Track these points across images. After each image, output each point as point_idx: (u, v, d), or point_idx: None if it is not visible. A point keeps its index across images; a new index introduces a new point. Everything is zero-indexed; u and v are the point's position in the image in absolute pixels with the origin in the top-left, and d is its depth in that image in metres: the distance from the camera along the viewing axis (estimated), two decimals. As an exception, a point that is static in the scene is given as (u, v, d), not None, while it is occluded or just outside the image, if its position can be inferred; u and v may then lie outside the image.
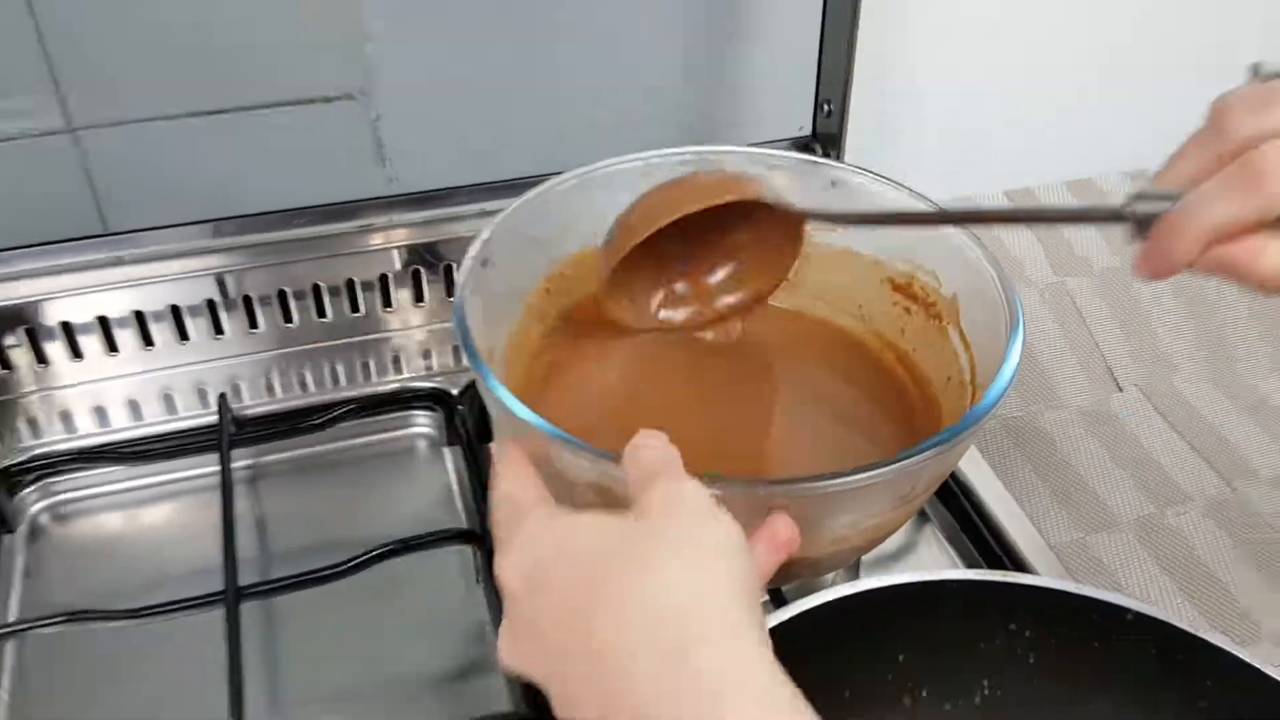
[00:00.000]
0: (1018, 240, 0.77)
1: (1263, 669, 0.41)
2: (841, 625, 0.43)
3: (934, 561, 0.61)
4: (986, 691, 0.46)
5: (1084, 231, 0.78)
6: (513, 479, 0.40)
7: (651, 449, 0.37)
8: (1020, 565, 0.57)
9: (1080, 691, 0.45)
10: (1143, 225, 0.37)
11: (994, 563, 0.59)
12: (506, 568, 0.36)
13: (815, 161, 0.58)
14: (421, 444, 0.68)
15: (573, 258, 0.58)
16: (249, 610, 0.54)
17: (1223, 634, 0.55)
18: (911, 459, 0.41)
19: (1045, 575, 0.56)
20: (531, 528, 0.36)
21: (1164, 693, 0.43)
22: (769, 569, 0.39)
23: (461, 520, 0.63)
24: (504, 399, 0.42)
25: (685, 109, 0.77)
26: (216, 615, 0.54)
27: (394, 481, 0.65)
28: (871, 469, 0.41)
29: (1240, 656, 0.41)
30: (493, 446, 0.43)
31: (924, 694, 0.46)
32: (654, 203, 0.52)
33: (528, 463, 0.41)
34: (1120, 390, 0.70)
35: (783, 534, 0.39)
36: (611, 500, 0.40)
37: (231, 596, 0.53)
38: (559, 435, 0.41)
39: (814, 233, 0.59)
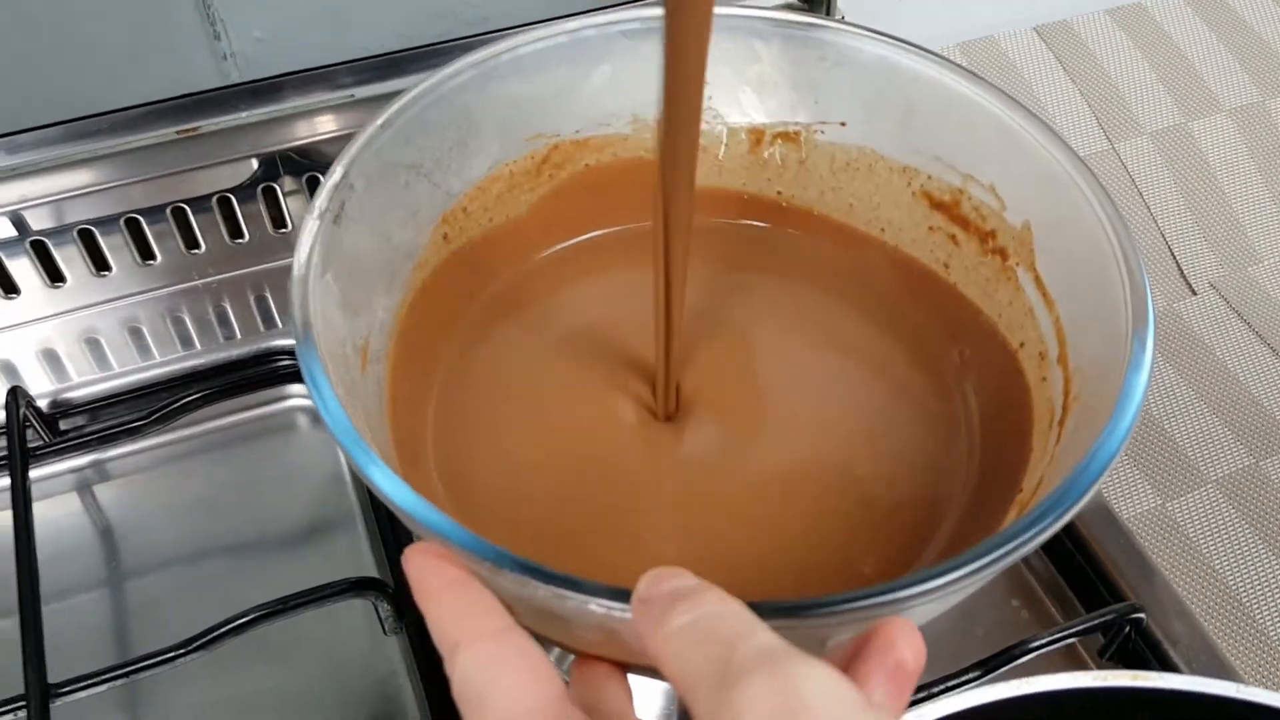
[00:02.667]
0: (1054, 90, 0.60)
1: None
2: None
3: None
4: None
5: (1136, 73, 0.61)
6: (482, 649, 0.24)
7: (701, 615, 0.22)
8: (1098, 568, 0.44)
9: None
10: None
11: (1067, 569, 0.45)
12: None
13: (819, 25, 0.40)
14: (300, 419, 0.52)
15: (478, 185, 0.41)
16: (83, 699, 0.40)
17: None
18: (1005, 548, 0.26)
19: (1131, 580, 0.43)
20: None
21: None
22: (899, 713, 0.24)
23: (357, 519, 0.49)
24: (409, 508, 0.26)
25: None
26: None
27: (268, 472, 0.51)
28: (955, 569, 0.26)
29: None
30: (404, 558, 0.26)
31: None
32: None
33: (491, 601, 0.25)
34: (1194, 294, 0.55)
35: (911, 661, 0.24)
36: (617, 641, 0.26)
37: (36, 703, 0.38)
38: (529, 570, 0.25)
39: (818, 129, 0.42)
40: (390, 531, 0.45)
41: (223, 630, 0.40)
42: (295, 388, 0.52)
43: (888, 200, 0.42)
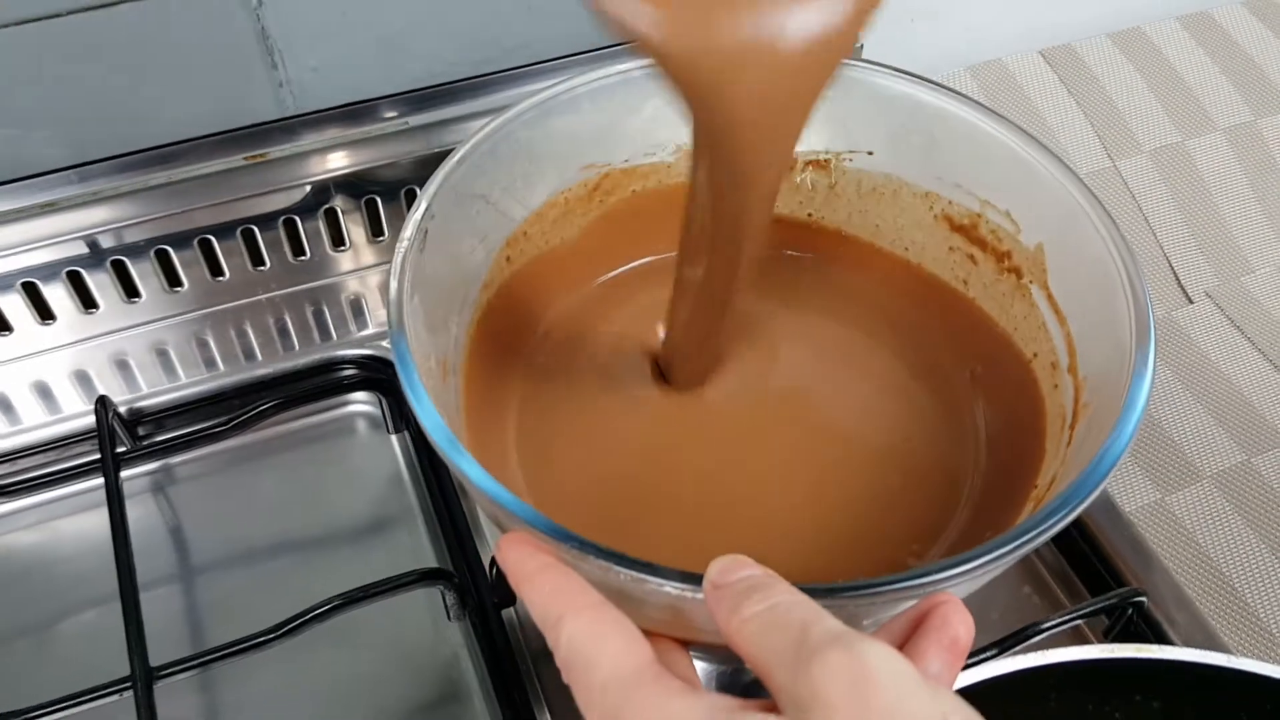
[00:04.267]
0: (1059, 112, 0.64)
1: None
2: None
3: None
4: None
5: (1136, 94, 0.65)
6: (584, 620, 0.27)
7: (777, 603, 0.25)
8: (1101, 554, 0.48)
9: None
10: None
11: (1072, 555, 0.49)
12: None
13: (848, 62, 0.44)
14: (360, 424, 0.56)
15: (537, 212, 0.45)
16: (169, 682, 0.44)
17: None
18: (1031, 534, 0.30)
19: (1132, 564, 0.47)
20: None
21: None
22: (952, 683, 0.28)
23: (417, 518, 0.52)
24: (498, 498, 0.30)
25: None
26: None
27: (331, 474, 0.54)
28: (979, 555, 0.30)
29: None
30: (502, 553, 0.30)
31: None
32: None
33: (580, 580, 0.29)
34: (1191, 302, 0.59)
35: (964, 636, 0.27)
36: (683, 619, 0.30)
37: (141, 684, 0.42)
38: (611, 557, 0.29)
39: (847, 157, 0.46)
40: (451, 526, 0.49)
41: (308, 617, 0.43)
42: (357, 394, 0.56)
43: (911, 222, 0.46)
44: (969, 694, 0.33)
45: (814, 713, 0.22)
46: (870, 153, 0.46)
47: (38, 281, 0.53)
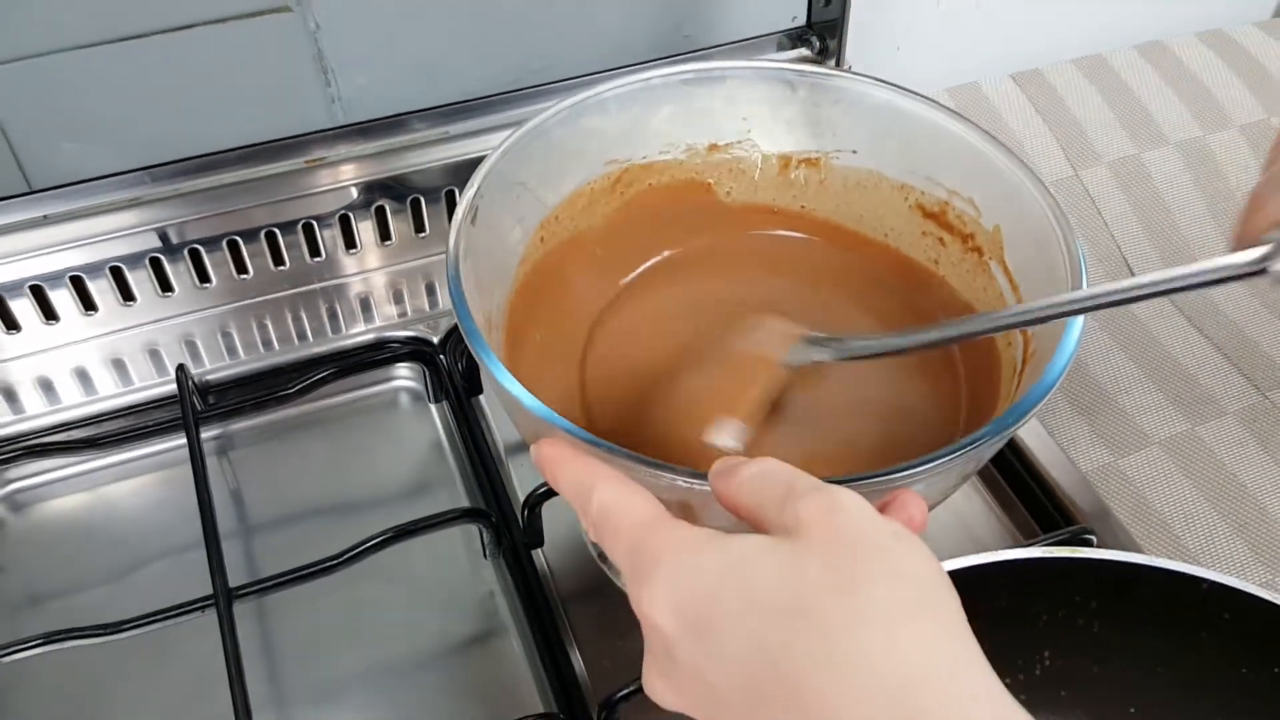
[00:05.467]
0: (1030, 132, 0.72)
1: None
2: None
3: (965, 500, 0.57)
4: (1047, 663, 0.44)
5: (1099, 116, 0.73)
6: (607, 487, 0.33)
7: (768, 467, 0.32)
8: (1057, 503, 0.54)
9: (1146, 661, 0.42)
10: None
11: (1028, 500, 0.56)
12: (652, 605, 0.30)
13: (834, 75, 0.52)
14: (404, 398, 0.63)
15: (568, 199, 0.52)
16: (240, 607, 0.50)
17: (1261, 560, 0.53)
18: (974, 447, 0.37)
19: (1085, 510, 0.54)
20: (676, 557, 0.30)
21: (1236, 661, 0.41)
22: None
23: (455, 480, 0.59)
24: (544, 415, 0.37)
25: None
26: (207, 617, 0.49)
27: (377, 441, 0.61)
28: (933, 459, 0.37)
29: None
30: (536, 451, 0.37)
31: (985, 671, 0.43)
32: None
33: (600, 462, 0.35)
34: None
35: (918, 516, 0.33)
36: (691, 517, 0.36)
37: (223, 601, 0.49)
38: (632, 458, 0.35)
39: (835, 155, 0.53)
40: (486, 476, 0.56)
41: (365, 546, 0.50)
42: (402, 370, 0.62)
43: (889, 211, 0.53)
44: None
45: (796, 533, 0.29)
46: (854, 151, 0.53)
47: (124, 266, 0.60)
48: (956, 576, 0.40)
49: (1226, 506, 0.56)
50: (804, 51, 0.69)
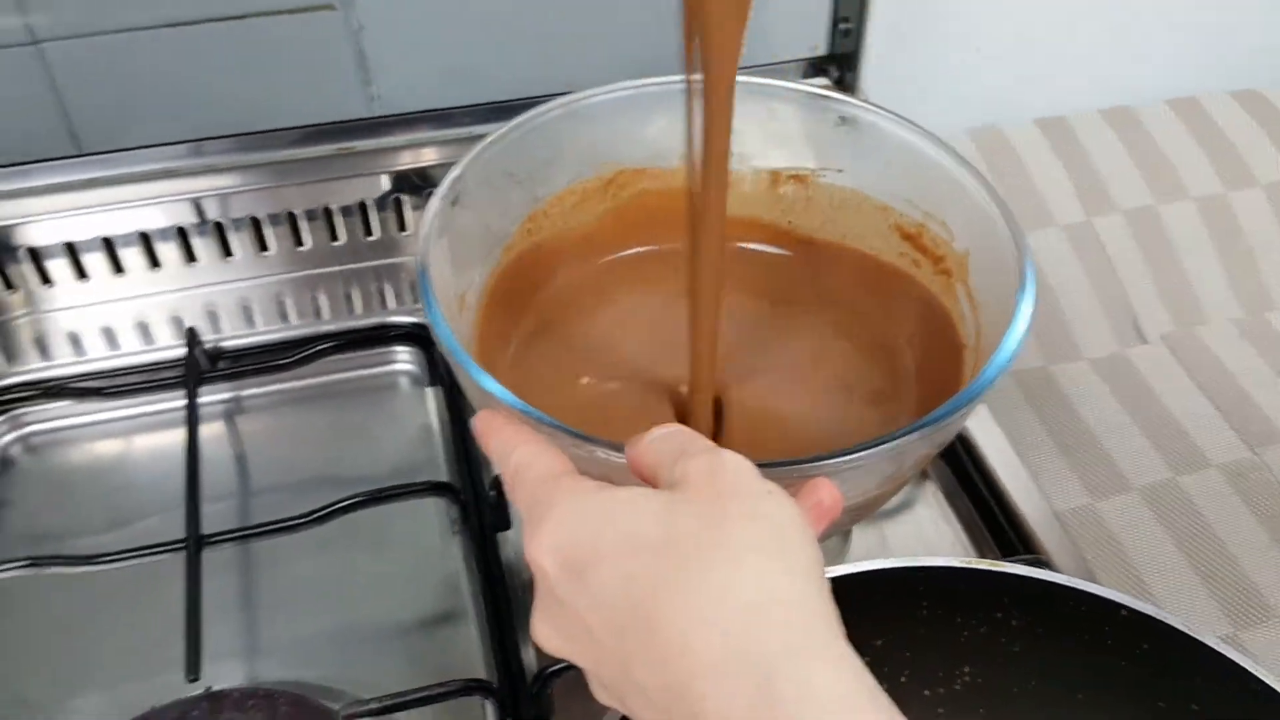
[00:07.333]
0: (1045, 173, 0.72)
1: (1256, 673, 0.38)
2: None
3: (930, 521, 0.58)
4: (967, 679, 0.44)
5: (1118, 164, 0.73)
6: (526, 448, 0.36)
7: (671, 430, 0.34)
8: (1021, 534, 0.54)
9: (1066, 685, 0.42)
10: None
11: (994, 528, 0.56)
12: (539, 548, 0.32)
13: (823, 95, 0.53)
14: (403, 381, 0.65)
15: (558, 195, 0.54)
16: (214, 555, 0.53)
17: (1227, 614, 0.53)
18: (892, 443, 0.38)
19: (1048, 544, 0.54)
20: (565, 503, 0.32)
21: (1154, 692, 0.41)
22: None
23: (440, 461, 0.61)
24: (474, 375, 0.39)
25: (692, 23, 0.71)
26: (180, 560, 0.52)
27: (373, 420, 0.63)
28: (848, 453, 0.38)
29: (1235, 660, 0.38)
30: (476, 421, 0.39)
31: (901, 679, 0.43)
32: None
33: (530, 430, 0.37)
34: (1145, 342, 0.66)
35: (827, 500, 0.35)
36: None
37: (193, 545, 0.51)
38: (558, 427, 0.37)
39: (822, 172, 0.54)
40: (465, 454, 0.58)
41: (333, 508, 0.52)
42: (401, 352, 0.65)
43: (870, 231, 0.54)
44: (845, 581, 0.40)
45: (682, 486, 0.31)
46: (840, 170, 0.54)
47: (151, 234, 0.64)
48: (877, 577, 0.41)
49: (1199, 558, 0.55)
50: (823, 81, 0.71)
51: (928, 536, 0.57)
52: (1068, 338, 0.66)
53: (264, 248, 0.67)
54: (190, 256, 0.66)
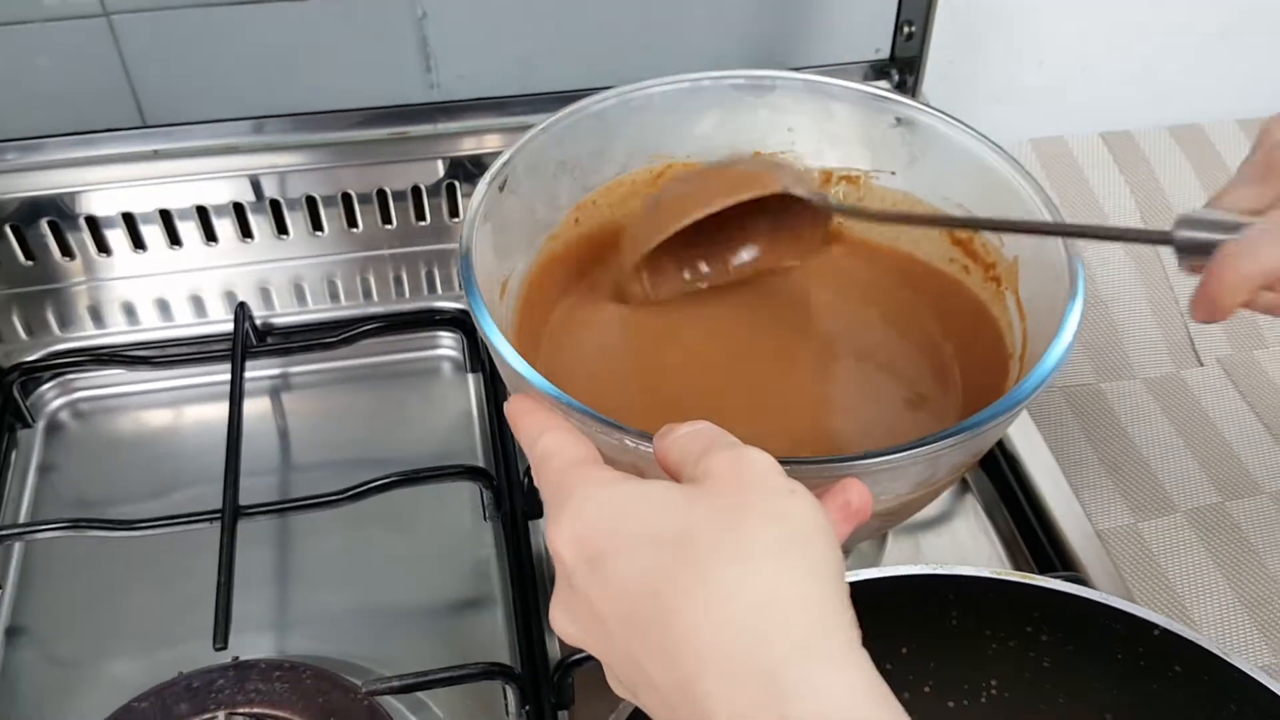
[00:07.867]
0: (1107, 187, 0.71)
1: (1293, 702, 0.37)
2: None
3: (968, 534, 0.57)
4: (994, 692, 0.43)
5: (1184, 182, 0.71)
6: (553, 434, 0.35)
7: (700, 427, 0.33)
8: (1060, 550, 0.53)
9: (1094, 704, 0.41)
10: (1188, 251, 0.38)
11: (1033, 544, 0.55)
12: (560, 536, 0.31)
13: (881, 96, 0.53)
14: (446, 366, 0.66)
15: (607, 186, 0.54)
16: (249, 527, 0.53)
17: (1269, 643, 0.51)
18: (926, 446, 0.37)
19: (1086, 563, 0.53)
20: (586, 493, 0.32)
21: (1185, 716, 0.39)
22: (840, 541, 0.35)
23: (477, 448, 0.61)
24: (507, 357, 0.39)
25: (752, 20, 0.71)
26: (216, 531, 0.53)
27: (414, 403, 0.64)
28: (880, 454, 0.37)
29: (1269, 687, 0.37)
30: (508, 405, 0.39)
31: (926, 689, 0.43)
32: (682, 196, 0.49)
33: (560, 416, 0.37)
34: (1201, 364, 0.64)
35: (855, 501, 0.34)
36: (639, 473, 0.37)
37: (229, 516, 0.52)
38: (588, 414, 0.37)
39: (875, 174, 0.54)
40: (500, 440, 0.58)
41: (368, 486, 0.53)
42: (445, 337, 0.65)
43: (922, 235, 0.53)
44: (873, 585, 0.40)
45: (704, 481, 0.30)
46: (893, 172, 0.53)
47: (209, 209, 0.66)
48: (906, 583, 0.40)
49: (1243, 585, 0.54)
50: (884, 84, 0.70)
51: (964, 549, 0.56)
52: (1122, 356, 0.65)
53: (318, 227, 0.68)
54: (246, 233, 0.67)
